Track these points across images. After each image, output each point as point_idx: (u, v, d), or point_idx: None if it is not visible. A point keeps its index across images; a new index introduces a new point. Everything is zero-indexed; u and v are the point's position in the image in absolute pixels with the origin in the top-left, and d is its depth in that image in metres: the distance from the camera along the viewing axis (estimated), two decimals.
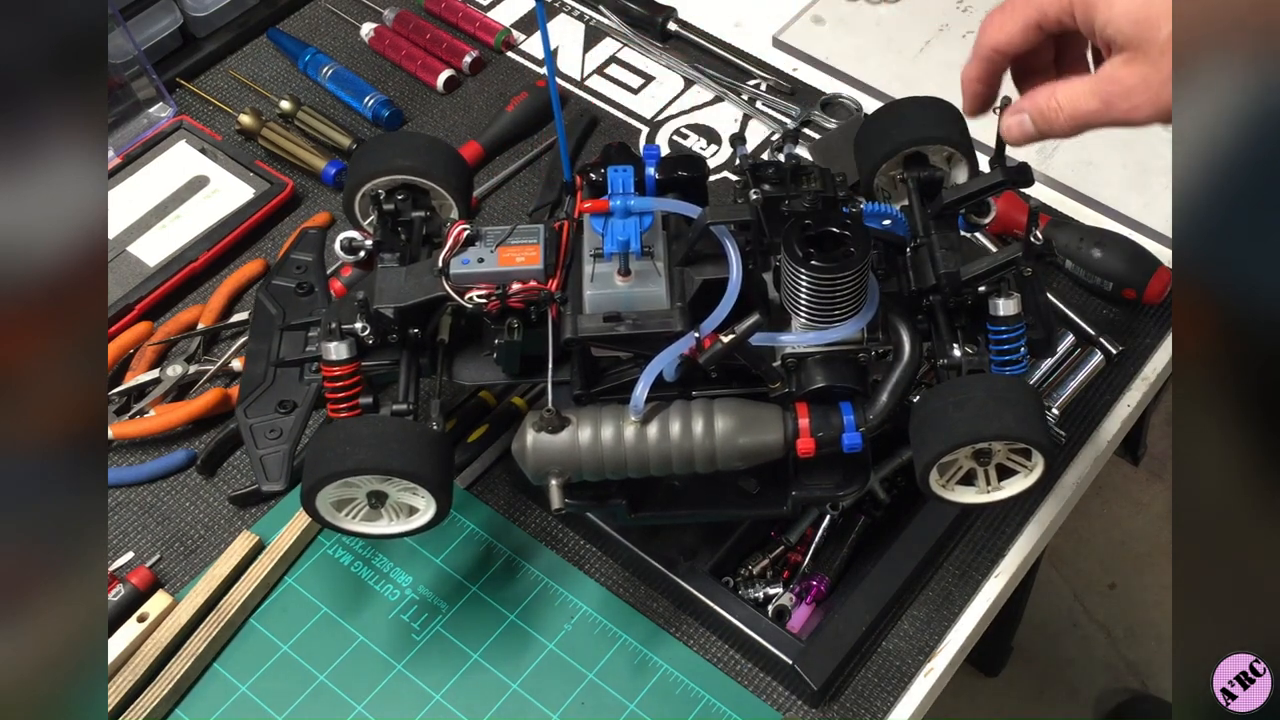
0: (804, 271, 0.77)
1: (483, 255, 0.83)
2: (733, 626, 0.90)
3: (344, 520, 0.83)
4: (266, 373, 0.87)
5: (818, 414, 0.81)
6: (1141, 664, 1.94)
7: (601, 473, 0.81)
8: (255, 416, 0.85)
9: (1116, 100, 0.75)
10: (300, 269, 0.93)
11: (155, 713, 0.89)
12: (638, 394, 0.78)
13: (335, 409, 0.84)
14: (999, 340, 0.83)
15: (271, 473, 0.83)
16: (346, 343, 0.82)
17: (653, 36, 1.32)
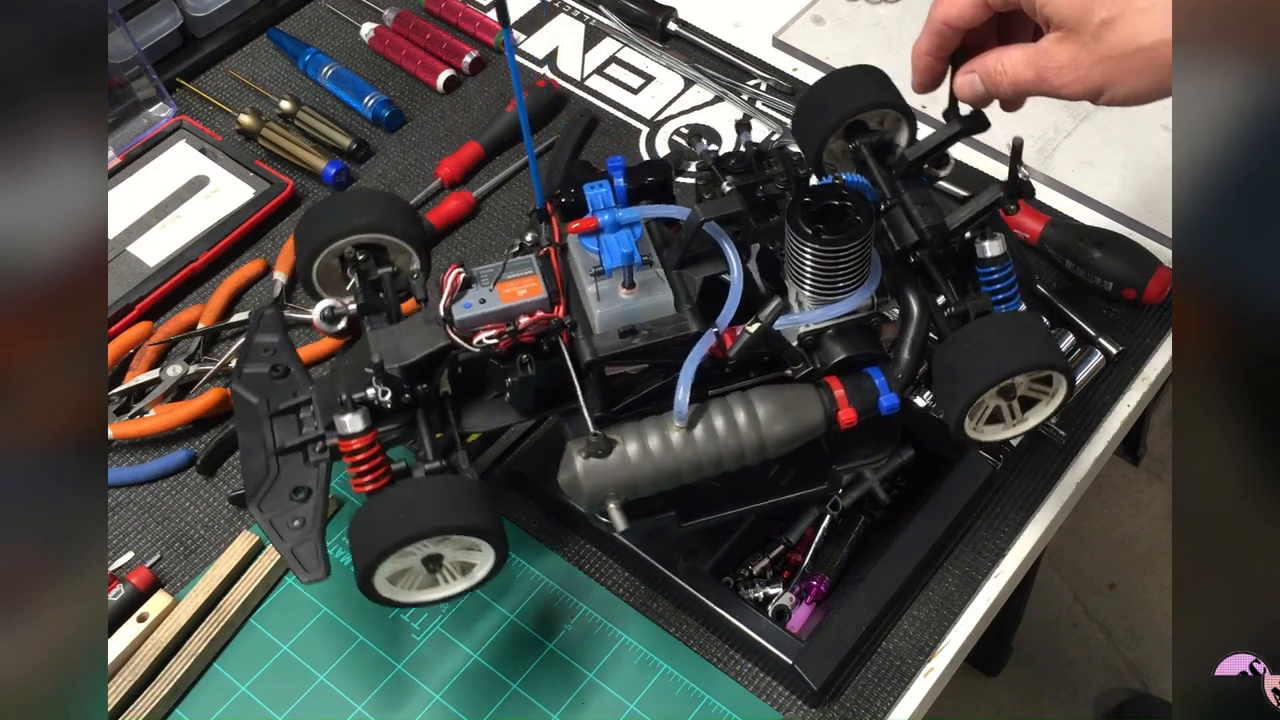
0: (814, 247, 0.78)
1: (483, 296, 0.81)
2: (733, 626, 0.90)
3: (403, 594, 0.79)
4: (268, 464, 0.83)
5: (851, 384, 0.82)
6: (1141, 664, 1.94)
7: (656, 485, 0.80)
8: (271, 510, 0.81)
9: (1048, 74, 0.79)
10: (268, 351, 0.88)
11: (155, 712, 0.89)
12: (680, 400, 0.78)
13: (360, 482, 0.80)
14: (991, 281, 0.85)
15: (308, 563, 0.79)
16: (360, 413, 0.79)
17: (653, 36, 1.32)
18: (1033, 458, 1.01)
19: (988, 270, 0.84)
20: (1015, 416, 0.83)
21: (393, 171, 1.22)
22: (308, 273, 0.87)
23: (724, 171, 0.84)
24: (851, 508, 0.98)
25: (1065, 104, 1.23)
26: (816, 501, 0.94)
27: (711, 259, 0.82)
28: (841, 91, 0.90)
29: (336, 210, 0.88)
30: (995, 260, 0.84)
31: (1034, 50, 0.80)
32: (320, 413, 0.83)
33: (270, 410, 0.85)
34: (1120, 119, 1.22)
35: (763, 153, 0.85)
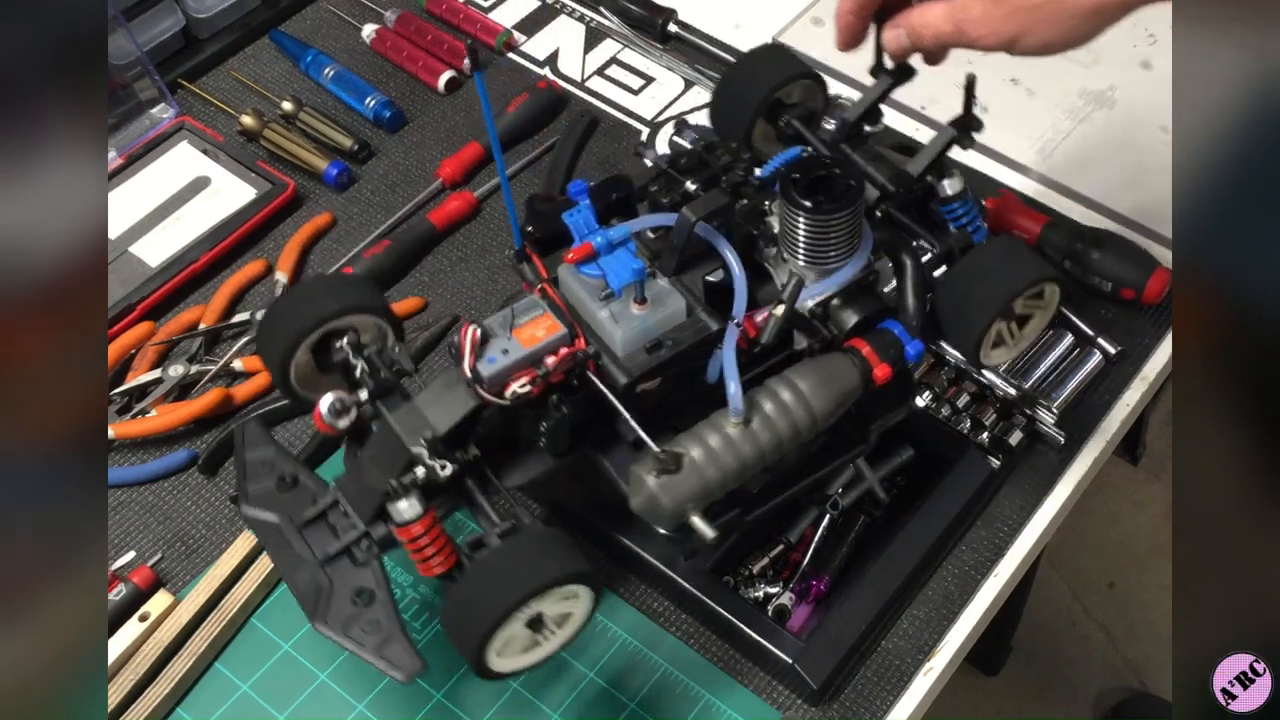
0: (815, 218, 0.79)
1: (504, 346, 0.78)
2: (733, 626, 0.90)
3: (513, 661, 0.77)
4: (315, 577, 0.79)
5: (875, 341, 0.83)
6: (1141, 663, 1.94)
7: (727, 485, 0.79)
8: (338, 621, 0.77)
9: (965, 27, 0.83)
10: (266, 466, 0.84)
11: (156, 712, 0.90)
12: (734, 394, 0.77)
13: (430, 566, 0.77)
14: (956, 216, 0.88)
15: (401, 663, 0.76)
16: (414, 496, 0.76)
17: (653, 38, 1.32)
18: (1032, 457, 1.01)
19: (951, 207, 0.88)
20: (1015, 336, 0.87)
21: (394, 172, 1.22)
22: (285, 376, 0.83)
23: (680, 172, 0.85)
24: (851, 507, 0.98)
25: (1065, 105, 1.24)
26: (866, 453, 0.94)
27: (702, 258, 0.83)
28: (755, 75, 0.93)
29: (301, 303, 0.83)
30: (957, 196, 0.88)
31: (952, 5, 0.84)
32: (354, 510, 0.80)
33: (296, 524, 0.81)
34: (1120, 119, 1.22)
35: (710, 145, 0.87)
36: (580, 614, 0.78)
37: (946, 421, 1.01)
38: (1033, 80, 1.26)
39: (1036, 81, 1.26)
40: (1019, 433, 1.00)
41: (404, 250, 1.14)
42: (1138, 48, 1.28)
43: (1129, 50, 1.28)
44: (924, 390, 1.02)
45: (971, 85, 0.87)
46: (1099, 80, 1.26)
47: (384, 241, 1.14)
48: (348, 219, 1.18)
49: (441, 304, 1.12)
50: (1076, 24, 0.81)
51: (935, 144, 0.88)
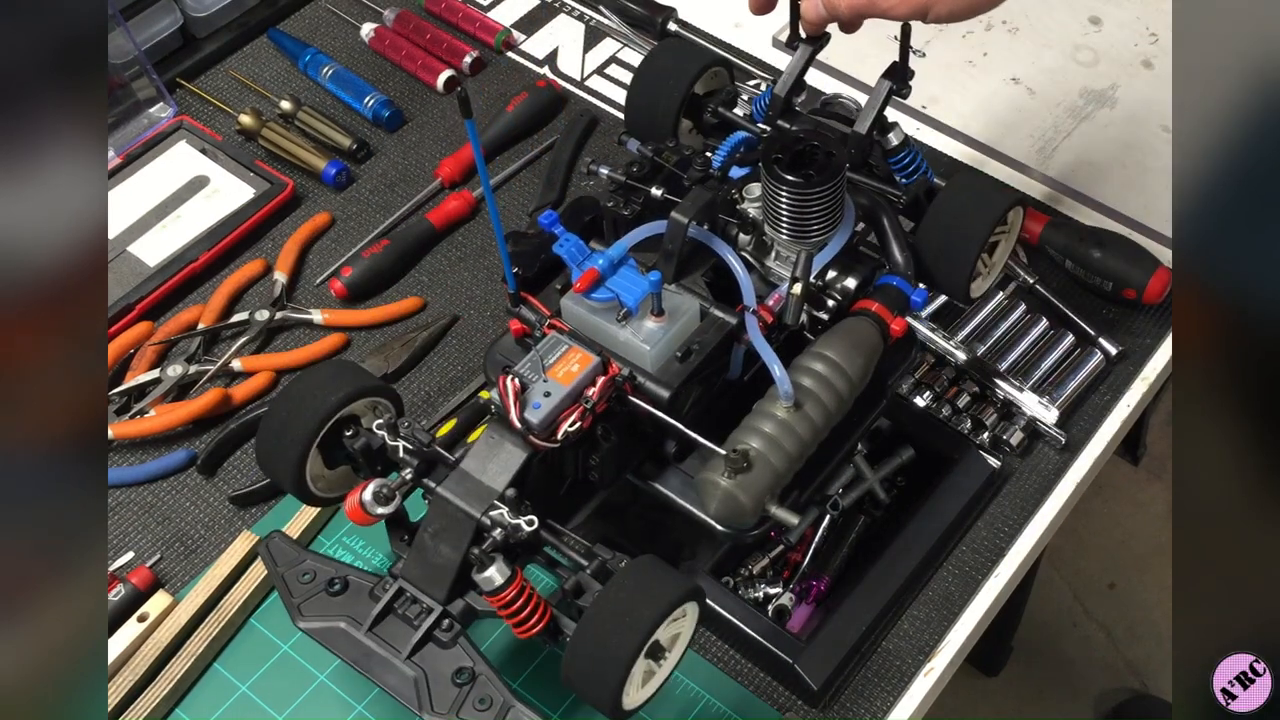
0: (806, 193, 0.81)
1: (546, 389, 0.77)
2: (733, 626, 0.90)
3: (639, 695, 0.75)
4: (407, 672, 0.77)
5: (881, 298, 0.85)
6: (1141, 664, 1.94)
7: (795, 467, 0.80)
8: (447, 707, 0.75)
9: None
10: (308, 576, 0.81)
11: (155, 712, 0.89)
12: (780, 377, 0.78)
13: (527, 628, 0.76)
14: (903, 166, 0.92)
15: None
16: (501, 561, 0.75)
17: (652, 37, 1.32)
18: (1033, 458, 1.01)
19: (898, 157, 0.91)
20: (987, 265, 0.92)
21: (393, 172, 1.22)
22: (301, 482, 0.81)
23: (640, 180, 0.85)
24: (851, 508, 0.98)
25: (1066, 104, 1.24)
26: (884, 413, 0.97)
27: (695, 259, 0.83)
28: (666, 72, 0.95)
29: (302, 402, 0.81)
30: (901, 146, 0.91)
31: None
32: (427, 593, 0.78)
33: (365, 625, 0.79)
34: (1121, 119, 1.22)
35: (657, 149, 0.88)
36: (688, 630, 0.77)
37: (947, 422, 1.01)
38: (1034, 80, 1.26)
39: (1037, 81, 1.26)
40: (1020, 433, 1.00)
41: (403, 250, 1.14)
42: (1139, 47, 1.28)
43: (1130, 49, 1.28)
44: (924, 390, 1.02)
45: (906, 34, 0.89)
46: (1100, 79, 1.26)
47: (383, 241, 1.14)
48: (346, 218, 1.18)
49: (440, 304, 1.12)
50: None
51: (875, 99, 0.90)
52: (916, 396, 1.01)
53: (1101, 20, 1.31)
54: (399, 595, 0.79)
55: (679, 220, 0.80)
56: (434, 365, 1.08)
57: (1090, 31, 1.30)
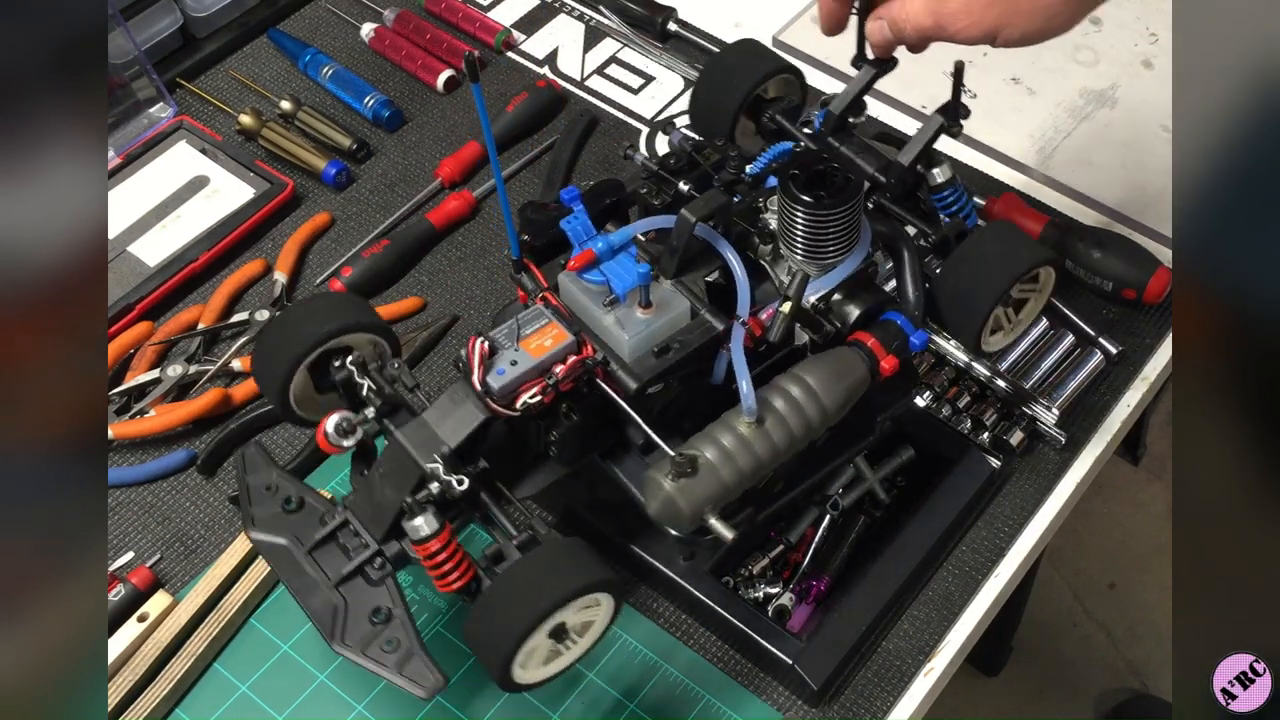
0: (817, 214, 0.79)
1: (513, 358, 0.78)
2: (733, 626, 0.90)
3: (536, 673, 0.77)
4: (329, 598, 0.79)
5: (880, 334, 0.83)
6: (1141, 664, 1.94)
7: (744, 484, 0.79)
8: (357, 641, 0.78)
9: (944, 20, 0.83)
10: (270, 489, 0.84)
11: (155, 712, 0.89)
12: (746, 393, 0.77)
13: (448, 581, 0.77)
14: (946, 204, 0.89)
15: (426, 681, 0.76)
16: (430, 512, 0.76)
17: (653, 37, 1.32)
18: (1033, 458, 1.01)
19: (942, 195, 0.89)
20: (1011, 321, 0.88)
21: (393, 172, 1.22)
22: (284, 397, 0.83)
23: (671, 173, 0.85)
24: (851, 508, 0.98)
25: (1066, 104, 1.24)
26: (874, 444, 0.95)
27: (702, 259, 0.83)
28: (734, 71, 0.93)
29: (297, 326, 0.83)
30: (947, 184, 0.89)
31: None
32: (366, 529, 0.80)
33: (306, 546, 0.81)
34: (1121, 119, 1.22)
35: (698, 145, 0.87)
36: (601, 622, 0.78)
37: (947, 421, 1.01)
38: (1034, 79, 1.26)
39: (1038, 80, 1.26)
40: (1020, 433, 1.00)
41: (403, 250, 1.14)
42: (1139, 46, 1.28)
43: (1130, 49, 1.28)
44: (924, 390, 1.02)
45: (960, 72, 0.87)
46: (1100, 79, 1.26)
47: (383, 241, 1.14)
48: (346, 218, 1.18)
49: (440, 304, 1.12)
50: (1055, 12, 0.81)
51: (923, 133, 0.89)
52: (917, 397, 1.01)
53: (1101, 20, 1.31)
54: (344, 525, 0.81)
55: (686, 218, 0.80)
56: (434, 365, 1.08)
57: (1090, 31, 1.30)
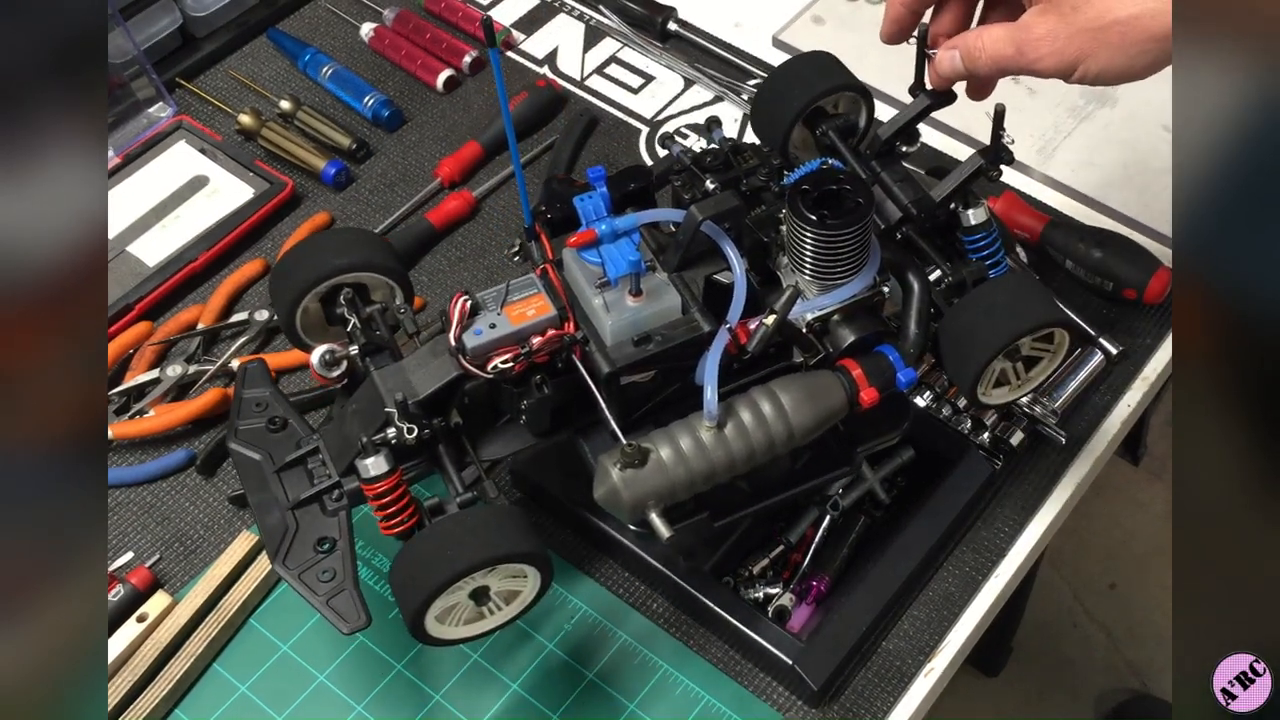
0: (818, 232, 0.78)
1: (492, 321, 0.79)
2: (733, 626, 0.90)
3: (450, 631, 0.78)
4: (285, 519, 0.81)
5: (867, 364, 0.82)
6: (1142, 664, 1.94)
7: (693, 488, 0.79)
8: (298, 565, 0.79)
9: (1026, 48, 0.80)
10: (260, 406, 0.86)
11: (155, 713, 0.89)
12: (709, 399, 0.77)
13: (391, 525, 0.79)
14: (978, 248, 0.87)
15: (348, 615, 0.78)
16: (383, 454, 0.78)
17: (653, 36, 1.32)
18: (1033, 458, 1.01)
19: (974, 237, 0.86)
20: (1020, 377, 0.85)
21: (392, 171, 1.22)
22: (290, 321, 0.85)
23: (703, 170, 0.84)
24: (851, 508, 0.98)
25: (1066, 104, 1.24)
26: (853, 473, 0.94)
27: (708, 258, 0.82)
28: (799, 80, 0.91)
29: (313, 254, 0.85)
30: (980, 227, 0.86)
31: (1014, 25, 0.81)
32: (333, 460, 0.82)
33: (276, 465, 0.83)
34: (1121, 118, 1.22)
35: (738, 147, 0.85)
36: (528, 594, 0.79)
37: (947, 422, 1.01)
38: (1034, 80, 1.25)
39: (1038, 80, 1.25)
40: (1020, 433, 1.00)
41: (402, 250, 1.14)
42: None
43: None
44: (924, 390, 1.02)
45: (1000, 116, 0.85)
46: None
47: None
48: (346, 218, 1.18)
49: (440, 304, 1.12)
50: (1142, 50, 0.78)
51: (961, 171, 0.86)
52: (917, 397, 1.01)
53: None
54: (314, 452, 0.83)
55: (694, 215, 0.80)
56: None
57: None
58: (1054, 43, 0.79)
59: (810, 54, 0.93)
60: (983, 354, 0.80)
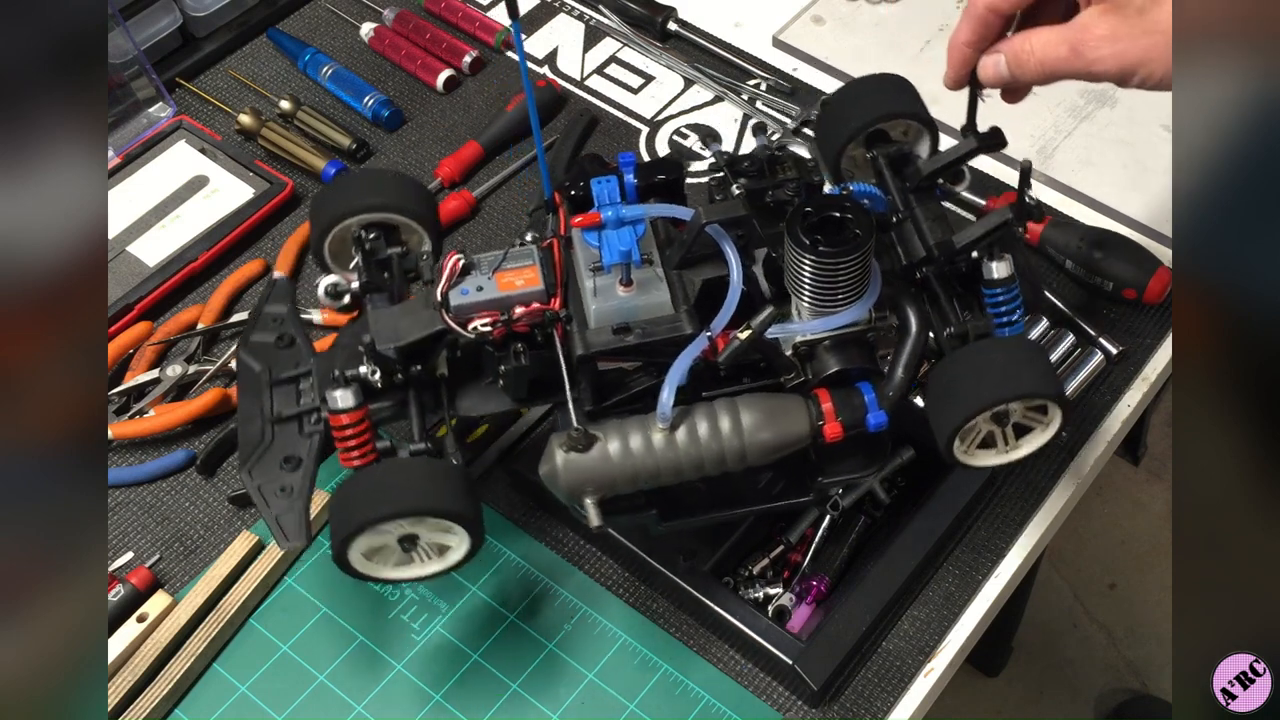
0: (811, 258, 0.77)
1: (481, 283, 0.81)
2: (733, 626, 0.90)
3: (377, 569, 0.81)
4: (264, 431, 0.84)
5: (839, 398, 0.81)
6: (1142, 664, 1.94)
7: (635, 484, 0.80)
8: (261, 476, 0.82)
9: (1083, 49, 0.77)
10: (277, 320, 0.89)
11: (155, 713, 0.89)
12: (664, 401, 0.77)
13: (348, 457, 0.81)
14: (996, 303, 0.83)
15: (290, 531, 0.80)
16: (352, 389, 0.80)
17: (652, 36, 1.32)
18: (1033, 458, 1.01)
19: (994, 292, 0.83)
20: (1009, 443, 0.82)
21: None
22: (320, 246, 0.89)
23: (736, 174, 0.83)
24: (851, 508, 0.98)
25: (1066, 104, 1.23)
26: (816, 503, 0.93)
27: (714, 261, 0.82)
28: (865, 99, 0.89)
29: (352, 187, 0.90)
30: (1001, 282, 0.82)
31: (1069, 25, 0.78)
32: (318, 385, 0.84)
33: (272, 379, 0.86)
34: (1121, 118, 1.22)
35: (776, 157, 0.84)
36: (457, 553, 0.81)
37: None
38: None
39: None
40: None
41: None
42: None
43: None
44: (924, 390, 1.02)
45: (1027, 174, 0.82)
46: None
47: None
48: None
49: None
50: None
51: (986, 222, 0.83)
52: (917, 397, 1.01)
53: None
54: (307, 375, 0.86)
55: (699, 216, 0.80)
56: None
57: None
58: (1115, 43, 0.75)
59: (881, 75, 0.90)
60: (962, 412, 0.78)
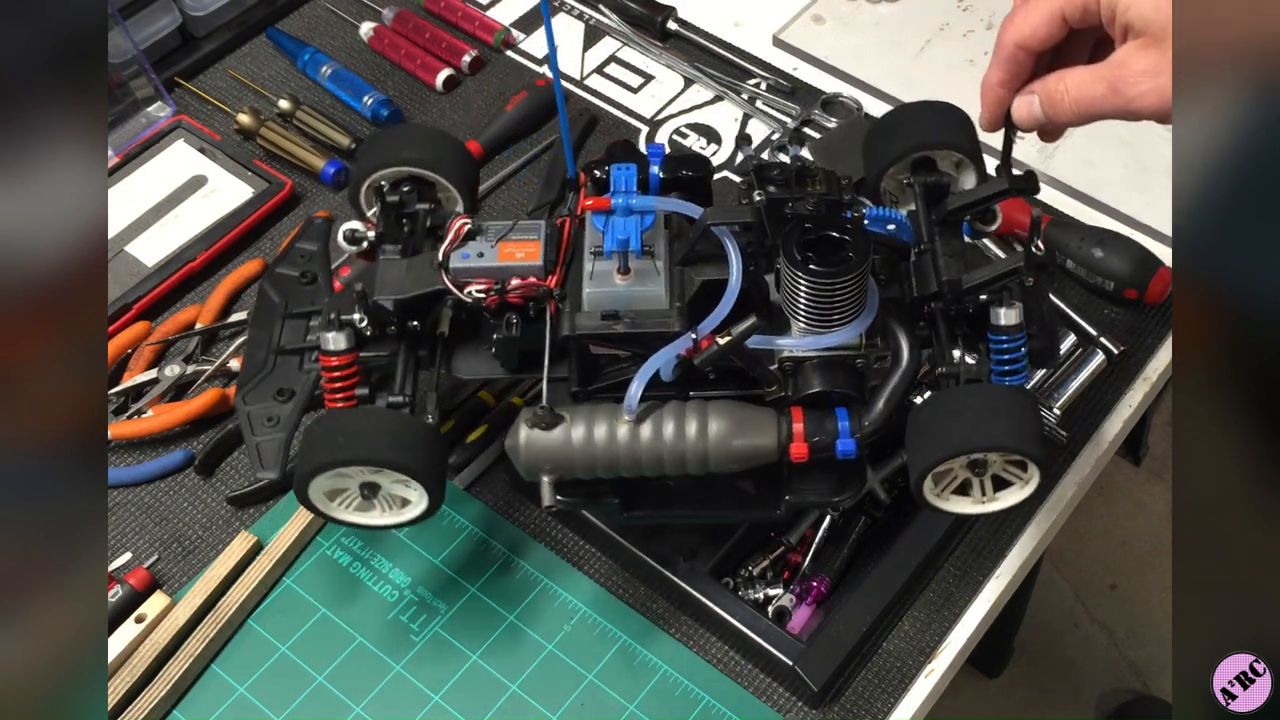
0: (802, 275, 0.77)
1: (483, 250, 0.83)
2: (733, 627, 0.90)
3: (336, 510, 0.83)
4: (267, 360, 0.87)
5: (812, 419, 0.80)
6: (1143, 664, 1.94)
7: (593, 471, 0.81)
8: (254, 403, 0.85)
9: (1122, 86, 0.74)
10: (305, 258, 0.92)
11: (154, 713, 0.89)
12: (632, 393, 0.78)
13: (332, 399, 0.84)
14: (999, 349, 0.82)
15: (267, 460, 0.83)
16: (345, 333, 0.82)
17: (652, 36, 1.32)
18: None
19: (998, 338, 0.82)
20: (986, 494, 0.81)
21: None
22: (356, 193, 0.91)
23: (763, 181, 0.82)
24: (852, 508, 0.98)
25: None
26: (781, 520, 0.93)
27: (719, 263, 0.81)
28: (916, 123, 0.88)
29: (393, 140, 0.92)
30: (1007, 330, 0.81)
31: (1105, 64, 0.75)
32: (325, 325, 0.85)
33: (286, 311, 0.89)
34: None
35: (807, 169, 0.82)
36: (414, 511, 0.83)
37: None
38: None
39: None
40: None
41: None
42: None
43: None
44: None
45: (1037, 225, 0.81)
46: None
47: None
48: (345, 218, 1.17)
49: None
50: None
51: (996, 268, 0.81)
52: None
53: None
54: (319, 313, 0.88)
55: (705, 216, 0.80)
56: None
57: None
58: (1156, 79, 0.72)
59: (935, 103, 0.89)
60: (933, 453, 0.77)
